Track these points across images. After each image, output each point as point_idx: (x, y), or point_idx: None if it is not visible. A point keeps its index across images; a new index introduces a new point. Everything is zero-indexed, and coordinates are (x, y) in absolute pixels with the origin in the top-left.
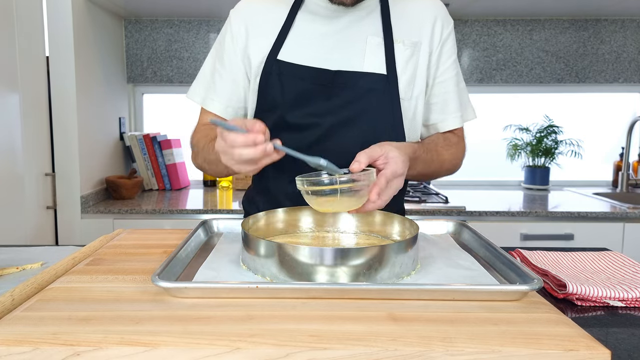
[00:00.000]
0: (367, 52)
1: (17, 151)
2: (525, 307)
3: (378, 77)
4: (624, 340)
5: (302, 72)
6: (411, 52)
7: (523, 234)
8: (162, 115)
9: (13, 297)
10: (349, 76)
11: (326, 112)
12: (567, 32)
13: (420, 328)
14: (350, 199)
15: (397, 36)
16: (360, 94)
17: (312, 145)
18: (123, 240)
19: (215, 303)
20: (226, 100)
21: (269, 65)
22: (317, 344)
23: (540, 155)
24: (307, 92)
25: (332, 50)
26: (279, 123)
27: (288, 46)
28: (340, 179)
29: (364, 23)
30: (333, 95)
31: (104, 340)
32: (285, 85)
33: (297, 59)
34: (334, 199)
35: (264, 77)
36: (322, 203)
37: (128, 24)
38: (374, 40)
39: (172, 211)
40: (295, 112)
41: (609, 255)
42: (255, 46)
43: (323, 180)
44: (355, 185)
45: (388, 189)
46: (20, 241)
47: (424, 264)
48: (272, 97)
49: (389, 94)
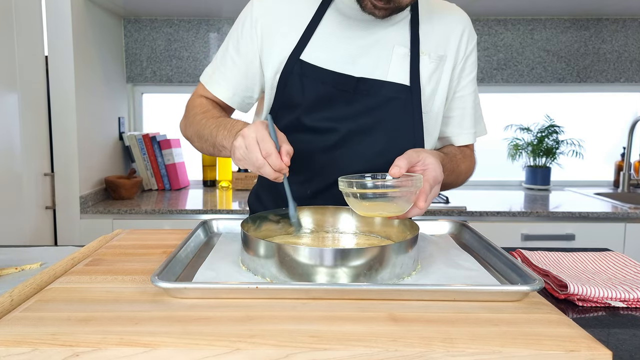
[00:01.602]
0: (393, 62)
1: (15, 151)
2: (526, 308)
3: (401, 88)
4: (625, 341)
5: (325, 76)
6: (436, 65)
7: (524, 234)
8: (161, 115)
9: (12, 298)
10: (371, 84)
11: (345, 118)
12: (568, 31)
13: (420, 329)
14: (396, 204)
15: (424, 48)
16: (381, 103)
17: (329, 149)
18: (122, 240)
19: (215, 304)
20: (234, 88)
21: (291, 63)
22: (318, 344)
23: (541, 155)
24: (327, 96)
25: (357, 56)
26: (295, 123)
27: (313, 46)
28: (387, 184)
29: (392, 31)
30: (354, 101)
31: (103, 340)
32: (306, 86)
33: (321, 62)
34: (380, 203)
35: (285, 75)
36: (366, 207)
37: (127, 23)
38: (400, 51)
39: (171, 211)
40: (314, 115)
41: (610, 255)
42: (278, 40)
43: (371, 184)
44: (404, 190)
45: (431, 195)
46: (19, 241)
47: (425, 264)
48: (291, 96)
49: (411, 105)
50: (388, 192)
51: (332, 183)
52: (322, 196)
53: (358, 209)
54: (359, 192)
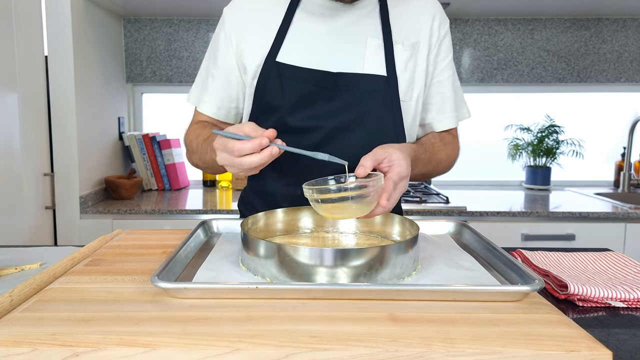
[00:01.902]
0: (367, 54)
1: (15, 151)
2: (526, 308)
3: (379, 79)
4: (625, 341)
5: (304, 75)
6: (410, 53)
7: (524, 234)
8: (161, 115)
9: (12, 298)
10: (350, 78)
11: (328, 115)
12: (568, 31)
13: (421, 329)
14: (359, 205)
15: (397, 37)
16: (361, 96)
17: (313, 147)
18: (122, 240)
19: (215, 304)
20: (218, 101)
21: (268, 66)
22: (318, 344)
23: (541, 155)
24: (308, 94)
25: (333, 51)
26: (278, 125)
27: (287, 47)
28: (348, 186)
29: (363, 23)
30: (335, 97)
31: (103, 341)
32: (285, 87)
33: (298, 61)
34: (342, 206)
35: (262, 79)
36: (330, 210)
37: (127, 23)
38: (373, 42)
39: (171, 211)
40: (297, 115)
41: (610, 255)
42: (251, 46)
43: (332, 188)
44: (365, 191)
45: (395, 192)
46: (19, 241)
47: (425, 264)
48: (271, 99)
49: (390, 95)
50: (347, 194)
51: None
52: None
53: (323, 212)
54: (320, 197)
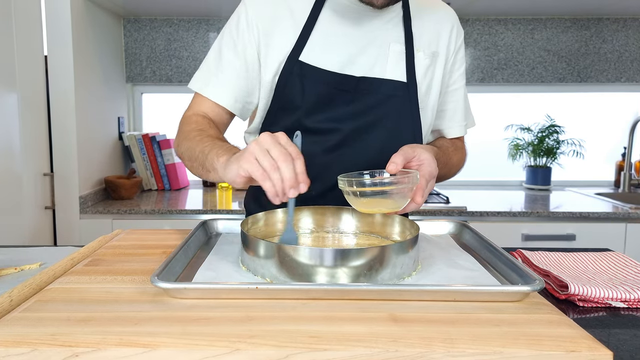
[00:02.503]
0: (390, 59)
1: (15, 151)
2: (526, 308)
3: (399, 85)
4: (626, 342)
5: (326, 77)
6: (430, 61)
7: (524, 235)
8: (161, 115)
9: (11, 298)
10: (371, 82)
11: (347, 118)
12: (568, 31)
13: (421, 329)
14: (392, 200)
15: (418, 45)
16: (381, 100)
17: (331, 149)
18: (122, 240)
19: (215, 304)
20: (235, 93)
21: (290, 65)
22: (318, 345)
23: (541, 155)
24: (328, 96)
25: (356, 55)
26: (296, 125)
27: (311, 47)
28: (385, 181)
29: (387, 28)
30: (355, 100)
31: (102, 341)
32: (306, 88)
33: (321, 63)
34: (378, 201)
35: (284, 77)
36: (366, 204)
37: (127, 23)
38: (396, 48)
39: (171, 211)
40: (315, 116)
41: (611, 255)
42: (276, 41)
43: (369, 182)
44: (402, 187)
45: (427, 190)
46: (19, 242)
47: (425, 264)
48: (291, 98)
49: (409, 101)
50: (386, 189)
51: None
52: (325, 197)
53: (357, 206)
54: (358, 190)
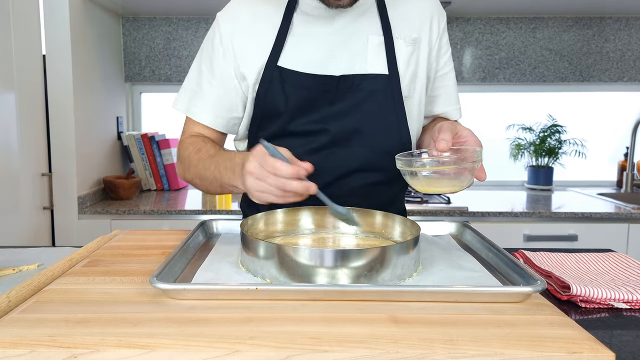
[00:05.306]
0: (369, 53)
1: (13, 151)
2: (528, 309)
3: (380, 78)
4: (628, 343)
5: (307, 80)
6: (412, 49)
7: (526, 235)
8: (160, 115)
9: (9, 299)
10: (352, 79)
11: (331, 118)
12: (570, 30)
13: (422, 330)
14: (454, 179)
15: (397, 33)
16: (363, 97)
17: (320, 150)
18: (121, 241)
19: (214, 305)
20: (217, 110)
21: (269, 71)
22: (318, 346)
23: (543, 155)
24: (311, 99)
25: (334, 53)
26: (282, 130)
27: (288, 51)
28: (444, 160)
29: (362, 21)
30: (336, 100)
31: (101, 342)
32: (288, 92)
33: (300, 66)
34: (437, 180)
35: (264, 84)
36: (428, 183)
37: (126, 22)
38: (375, 40)
39: (170, 212)
40: (300, 120)
41: (613, 256)
42: (251, 50)
43: (429, 161)
44: (466, 165)
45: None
46: (17, 242)
47: (426, 265)
48: (274, 104)
49: (391, 94)
50: (449, 168)
51: (327, 183)
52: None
53: (418, 186)
54: (418, 170)
